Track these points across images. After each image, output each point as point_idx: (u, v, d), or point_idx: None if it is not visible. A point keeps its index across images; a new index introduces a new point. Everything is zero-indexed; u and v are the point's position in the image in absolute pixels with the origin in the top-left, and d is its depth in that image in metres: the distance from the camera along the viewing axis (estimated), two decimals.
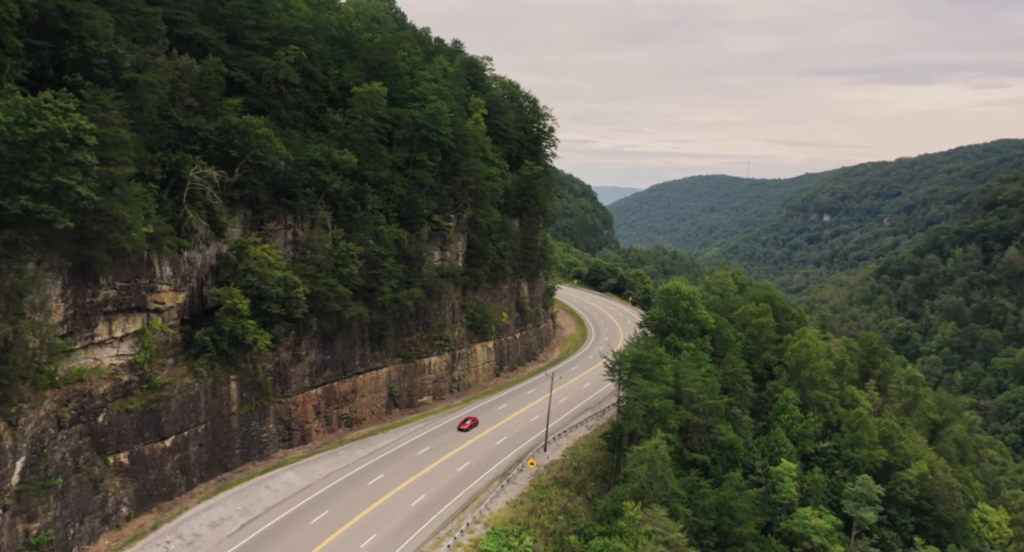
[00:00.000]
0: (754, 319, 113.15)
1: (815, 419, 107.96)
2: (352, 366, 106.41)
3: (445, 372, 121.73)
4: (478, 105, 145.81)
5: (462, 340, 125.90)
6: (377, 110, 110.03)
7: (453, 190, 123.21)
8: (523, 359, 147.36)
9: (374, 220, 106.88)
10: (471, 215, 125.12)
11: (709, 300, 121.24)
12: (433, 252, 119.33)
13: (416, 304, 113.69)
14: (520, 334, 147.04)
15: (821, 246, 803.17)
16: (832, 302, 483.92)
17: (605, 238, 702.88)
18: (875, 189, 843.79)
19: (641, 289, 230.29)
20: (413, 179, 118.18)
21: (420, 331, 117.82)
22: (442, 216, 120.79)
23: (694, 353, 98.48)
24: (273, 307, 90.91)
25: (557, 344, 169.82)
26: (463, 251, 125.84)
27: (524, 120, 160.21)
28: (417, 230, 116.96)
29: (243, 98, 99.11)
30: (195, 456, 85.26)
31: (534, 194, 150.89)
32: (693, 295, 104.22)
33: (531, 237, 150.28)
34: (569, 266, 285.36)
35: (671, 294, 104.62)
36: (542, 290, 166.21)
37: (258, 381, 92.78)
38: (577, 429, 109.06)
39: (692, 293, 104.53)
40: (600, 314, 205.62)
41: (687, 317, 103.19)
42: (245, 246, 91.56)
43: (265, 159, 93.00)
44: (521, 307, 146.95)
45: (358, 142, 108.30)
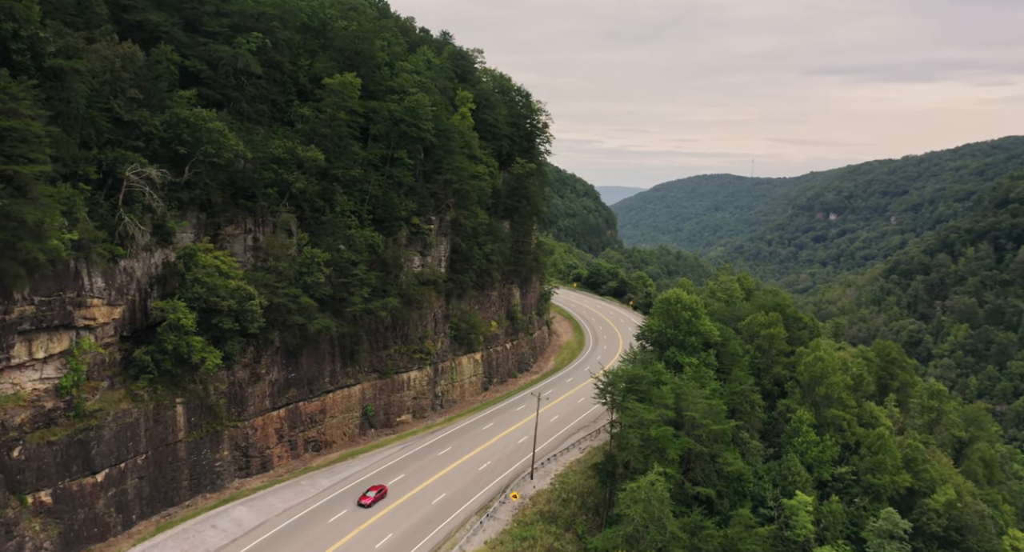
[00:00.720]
0: (763, 330, 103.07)
1: (832, 442, 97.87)
2: (320, 384, 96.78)
3: (426, 388, 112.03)
4: (465, 99, 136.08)
5: (445, 352, 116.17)
6: (348, 102, 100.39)
7: (435, 190, 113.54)
8: (514, 370, 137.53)
9: (344, 223, 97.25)
10: (454, 217, 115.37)
11: (713, 308, 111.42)
12: (412, 257, 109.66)
13: (392, 314, 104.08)
14: (511, 344, 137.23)
15: (827, 245, 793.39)
16: (840, 303, 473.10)
17: (608, 238, 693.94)
18: (881, 187, 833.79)
19: (643, 293, 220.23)
20: (391, 178, 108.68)
21: (398, 344, 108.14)
22: (422, 218, 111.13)
23: (697, 370, 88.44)
24: (225, 321, 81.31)
25: (552, 353, 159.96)
26: (446, 256, 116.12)
27: (516, 115, 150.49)
28: (394, 234, 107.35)
29: (198, 90, 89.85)
30: (134, 491, 75.65)
31: (526, 194, 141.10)
32: (695, 305, 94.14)
33: (523, 240, 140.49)
34: (568, 268, 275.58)
35: (671, 304, 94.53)
36: (536, 296, 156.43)
37: (209, 404, 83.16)
38: (568, 452, 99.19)
39: (694, 303, 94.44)
40: (599, 320, 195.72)
41: (689, 329, 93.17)
42: (194, 253, 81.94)
43: (218, 156, 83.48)
44: (512, 315, 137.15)
45: (327, 138, 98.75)
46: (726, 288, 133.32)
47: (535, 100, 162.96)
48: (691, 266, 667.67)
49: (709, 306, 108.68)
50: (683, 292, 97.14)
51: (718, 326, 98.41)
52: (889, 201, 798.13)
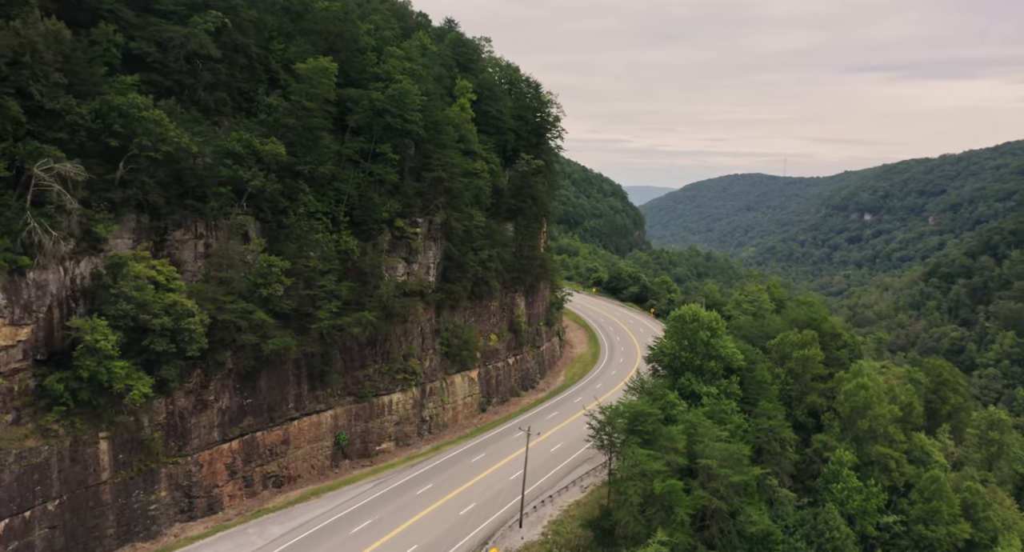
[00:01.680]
0: (796, 352, 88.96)
1: (877, 488, 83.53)
2: (283, 410, 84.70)
3: (411, 412, 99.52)
4: (464, 89, 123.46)
5: (435, 371, 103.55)
6: (319, 89, 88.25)
7: (422, 189, 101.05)
8: (518, 388, 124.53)
9: (311, 226, 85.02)
10: (445, 219, 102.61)
11: (739, 322, 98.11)
12: (395, 265, 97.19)
13: (370, 330, 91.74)
14: (514, 359, 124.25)
15: (862, 246, 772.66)
16: (877, 307, 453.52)
17: (636, 239, 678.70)
18: (918, 187, 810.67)
19: (665, 299, 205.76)
20: (371, 176, 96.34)
21: (378, 363, 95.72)
22: (408, 221, 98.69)
23: (715, 402, 74.61)
24: (158, 343, 69.50)
25: (563, 367, 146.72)
26: (436, 263, 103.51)
27: (523, 108, 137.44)
28: (374, 238, 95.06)
29: (147, 76, 78.46)
30: (44, 542, 64.01)
31: (532, 193, 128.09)
32: (715, 323, 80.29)
33: (529, 243, 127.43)
34: (589, 272, 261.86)
35: (686, 321, 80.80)
36: (545, 304, 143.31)
37: (142, 438, 71.34)
38: (568, 491, 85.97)
39: (713, 320, 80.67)
40: (617, 329, 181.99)
41: (707, 352, 79.45)
42: (124, 263, 70.16)
43: (155, 150, 71.85)
44: (516, 327, 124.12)
45: (292, 129, 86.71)
46: (753, 299, 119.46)
47: (545, 92, 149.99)
48: (721, 268, 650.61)
49: (734, 319, 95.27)
50: (700, 308, 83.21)
51: (743, 346, 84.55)
52: (926, 201, 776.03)
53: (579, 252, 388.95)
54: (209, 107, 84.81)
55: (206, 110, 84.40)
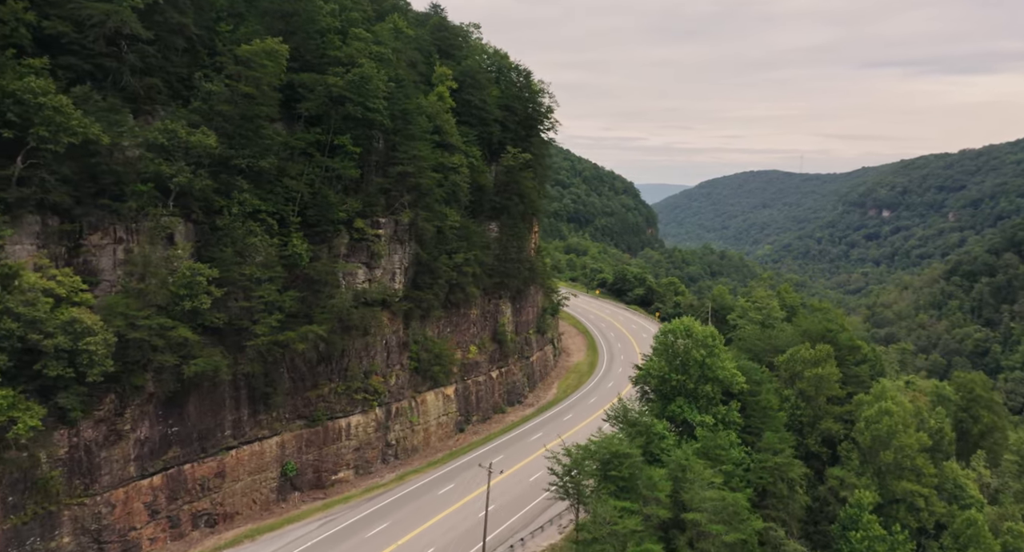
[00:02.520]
0: (808, 371, 77.39)
1: (904, 536, 71.71)
2: (217, 439, 74.26)
3: (374, 436, 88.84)
4: (444, 76, 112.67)
5: (402, 389, 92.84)
6: (260, 73, 77.71)
7: (387, 185, 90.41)
8: (502, 404, 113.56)
9: (246, 228, 74.43)
10: (413, 218, 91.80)
11: (744, 333, 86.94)
12: (354, 271, 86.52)
13: (322, 346, 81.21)
14: (498, 372, 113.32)
15: (880, 243, 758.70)
16: (896, 307, 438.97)
17: (648, 238, 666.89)
18: (937, 182, 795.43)
19: (671, 302, 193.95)
20: (329, 171, 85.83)
21: (334, 381, 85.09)
22: (369, 221, 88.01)
23: (711, 435, 63.10)
24: (52, 367, 59.22)
25: (557, 378, 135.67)
26: (404, 268, 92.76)
27: (511, 98, 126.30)
28: (330, 241, 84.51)
29: (59, 59, 68.25)
30: None
31: (519, 190, 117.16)
32: (711, 340, 68.76)
33: (515, 244, 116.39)
34: (593, 273, 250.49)
35: (676, 336, 69.34)
36: (536, 311, 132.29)
37: (37, 476, 61.08)
38: (544, 532, 74.79)
39: (709, 337, 69.10)
40: (619, 334, 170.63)
41: (702, 374, 68.10)
42: (15, 273, 59.90)
43: (55, 142, 61.64)
44: (500, 337, 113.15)
45: (228, 117, 76.18)
46: (762, 306, 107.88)
47: (537, 80, 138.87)
48: (735, 266, 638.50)
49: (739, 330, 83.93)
50: (694, 322, 71.73)
51: (747, 365, 73.04)
52: (946, 197, 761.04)
53: (588, 251, 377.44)
54: (138, 95, 74.32)
55: (134, 98, 73.92)
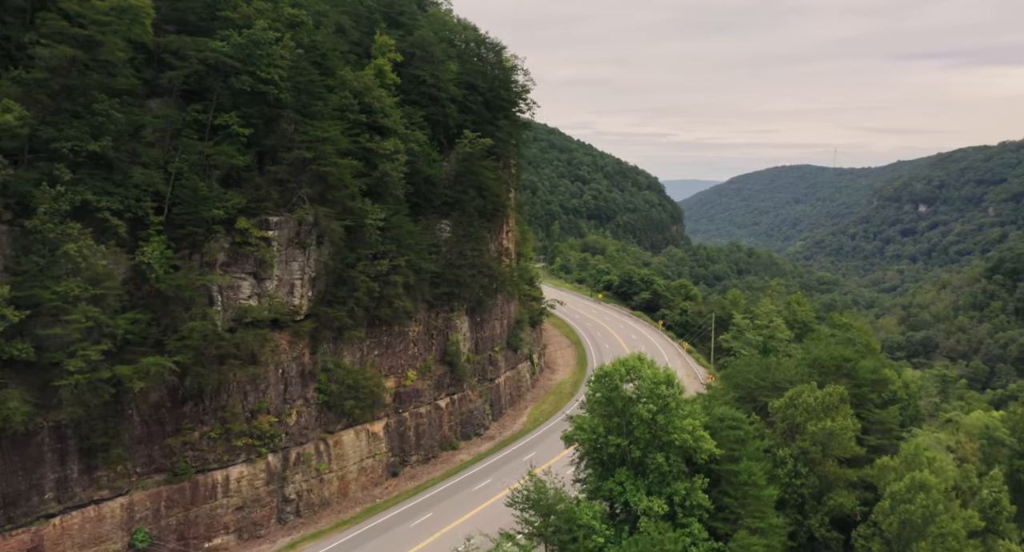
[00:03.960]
0: (813, 423, 56.73)
1: None
2: (33, 503, 56.33)
3: (264, 490, 70.47)
4: (385, 47, 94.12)
5: (306, 429, 74.37)
6: (91, 31, 59.77)
7: (282, 175, 72.06)
8: (454, 438, 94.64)
9: (62, 231, 56.37)
10: (315, 216, 73.19)
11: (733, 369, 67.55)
12: (236, 284, 68.21)
13: (188, 381, 63.20)
14: (449, 400, 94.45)
15: (917, 239, 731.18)
16: (934, 308, 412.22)
17: (673, 235, 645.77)
18: (976, 176, 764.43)
19: (677, 308, 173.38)
20: (205, 157, 67.81)
21: (207, 423, 66.87)
22: (257, 220, 69.70)
23: (658, 532, 43.59)
24: None
25: (533, 400, 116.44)
26: (307, 278, 74.21)
27: (474, 74, 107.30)
28: (201, 247, 66.35)
29: None
30: None
31: (477, 181, 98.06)
32: (666, 389, 48.22)
33: (472, 247, 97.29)
34: (600, 274, 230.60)
35: (617, 383, 49.13)
36: (507, 324, 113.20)
37: None
38: None
39: (663, 384, 48.56)
40: (615, 346, 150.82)
41: (654, 436, 48.04)
42: None
43: None
44: (450, 359, 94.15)
45: (43, 85, 58.43)
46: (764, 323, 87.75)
47: (510, 55, 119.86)
48: (764, 264, 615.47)
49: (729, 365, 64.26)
50: (644, 363, 51.49)
51: (726, 416, 52.97)
52: (985, 190, 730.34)
53: (606, 249, 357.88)
54: None
55: None
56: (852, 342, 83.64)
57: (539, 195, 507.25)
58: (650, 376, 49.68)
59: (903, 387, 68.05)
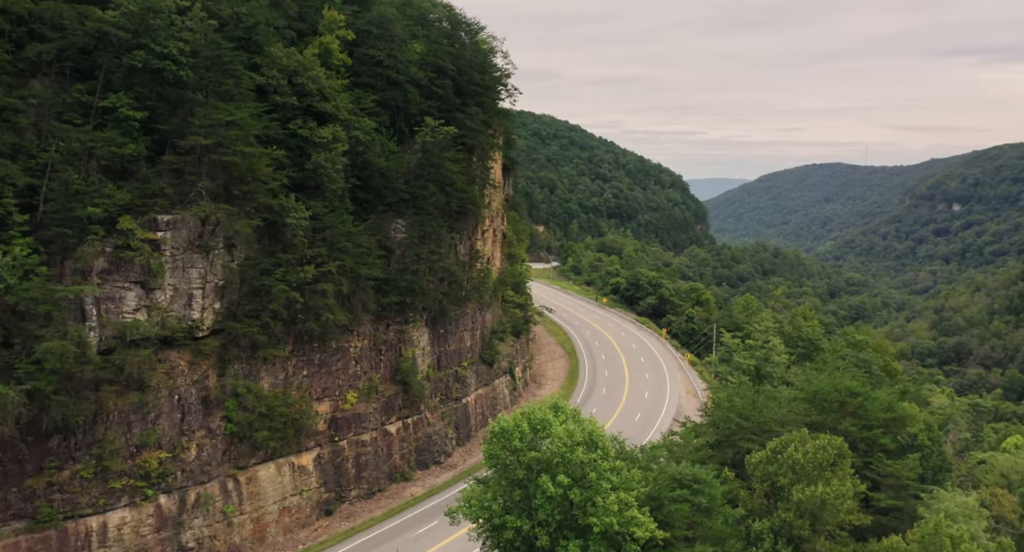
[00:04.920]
0: (800, 490, 43.46)
1: None
2: None
3: (155, 537, 59.39)
4: (334, 22, 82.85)
5: (209, 465, 63.24)
6: None
7: (179, 165, 61.04)
8: (407, 468, 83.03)
9: None
10: (214, 215, 61.94)
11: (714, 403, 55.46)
12: (119, 295, 57.29)
13: (53, 412, 52.40)
14: (401, 425, 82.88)
15: (950, 239, 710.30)
16: (967, 311, 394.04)
17: (697, 234, 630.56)
18: (1013, 173, 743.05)
19: (683, 315, 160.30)
20: (85, 145, 57.10)
21: (79, 461, 55.98)
22: (145, 220, 58.70)
23: None
24: None
25: None
26: (212, 287, 63.09)
27: (443, 56, 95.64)
28: (70, 253, 55.52)
29: None
30: None
31: (438, 176, 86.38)
32: (582, 454, 34.88)
33: (431, 249, 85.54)
34: (607, 276, 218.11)
35: (518, 436, 36.32)
36: (481, 335, 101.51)
37: None
38: None
39: (580, 445, 35.54)
40: (612, 357, 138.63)
41: (568, 516, 35.18)
42: None
43: None
44: (403, 377, 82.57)
45: None
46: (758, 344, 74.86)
47: (487, 36, 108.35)
48: (790, 264, 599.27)
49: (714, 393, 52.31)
50: (559, 415, 39.03)
51: (686, 474, 40.49)
52: (1022, 189, 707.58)
53: (623, 249, 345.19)
54: None
55: None
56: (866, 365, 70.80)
57: (557, 193, 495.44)
58: (563, 435, 37.51)
59: (925, 430, 55.18)
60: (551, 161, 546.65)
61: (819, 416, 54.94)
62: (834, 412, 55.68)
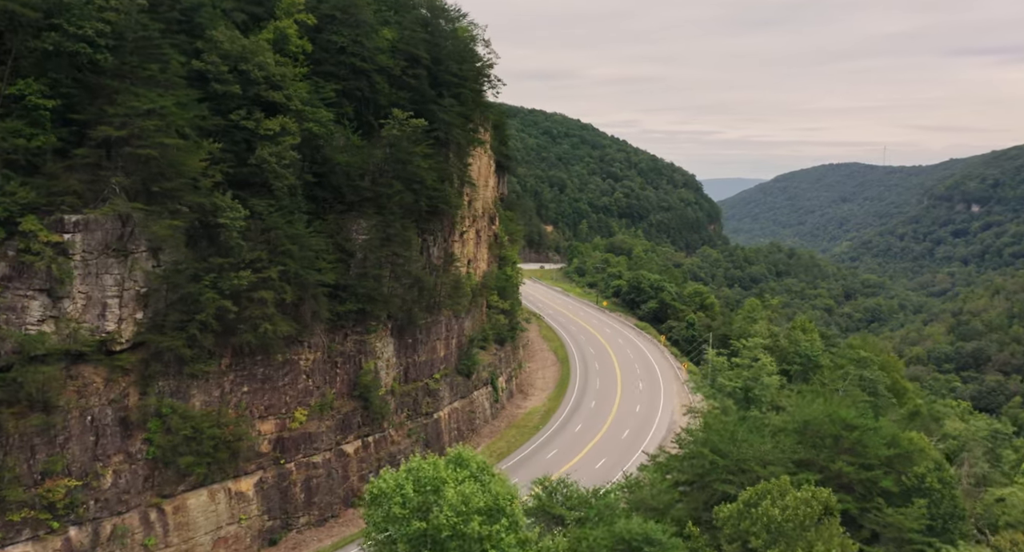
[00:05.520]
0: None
1: None
2: None
3: None
4: (293, 7, 76.16)
5: (129, 493, 56.65)
6: None
7: (93, 158, 54.48)
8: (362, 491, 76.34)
9: None
10: (127, 215, 55.27)
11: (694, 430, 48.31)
12: (21, 305, 50.80)
13: None
14: (360, 444, 76.04)
15: (969, 241, 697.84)
16: (986, 316, 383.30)
17: (710, 234, 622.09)
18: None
19: (685, 321, 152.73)
20: None
21: None
22: (51, 220, 52.19)
23: None
24: None
25: (489, 436, 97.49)
26: (131, 295, 56.45)
27: (417, 43, 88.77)
28: None
29: None
30: None
31: (405, 173, 79.48)
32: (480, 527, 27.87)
33: (394, 253, 78.58)
34: (609, 278, 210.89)
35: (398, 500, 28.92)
36: (458, 344, 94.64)
37: None
38: None
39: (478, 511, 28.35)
40: (606, 364, 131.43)
41: None
42: None
43: None
44: (364, 391, 75.77)
45: None
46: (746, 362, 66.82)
47: (466, 23, 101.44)
48: (805, 265, 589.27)
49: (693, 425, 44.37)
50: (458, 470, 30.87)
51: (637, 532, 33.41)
52: None
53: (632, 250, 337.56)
54: None
55: None
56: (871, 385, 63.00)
57: (567, 192, 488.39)
58: (456, 501, 30.30)
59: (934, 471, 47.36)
60: (561, 160, 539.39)
61: (809, 452, 47.55)
62: (827, 448, 48.17)
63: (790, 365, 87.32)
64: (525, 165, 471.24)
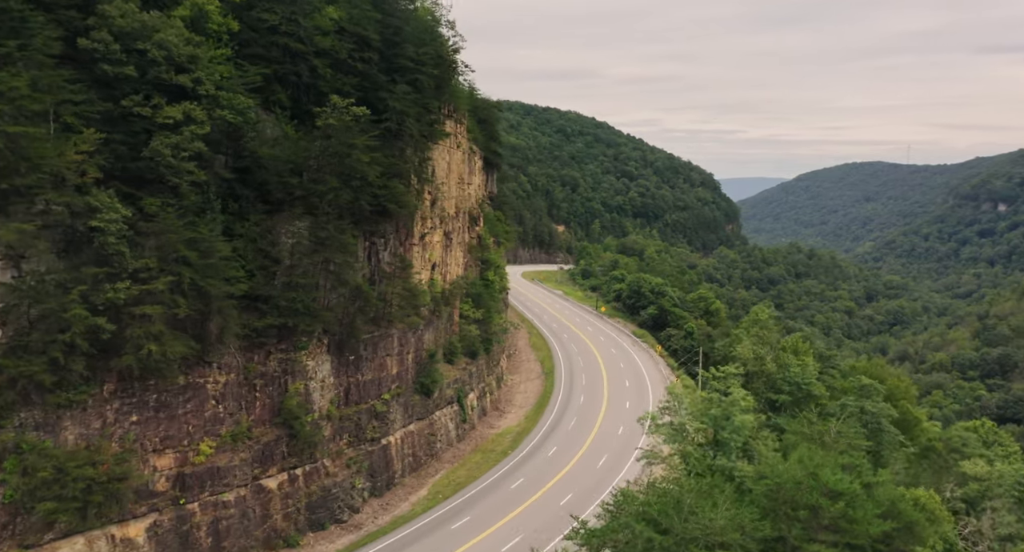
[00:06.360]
0: None
1: None
2: None
3: None
4: None
5: None
6: None
7: None
8: (292, 532, 66.83)
9: None
10: None
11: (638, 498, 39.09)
12: None
13: None
14: (286, 478, 66.73)
15: (996, 241, 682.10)
16: (1013, 320, 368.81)
17: (728, 234, 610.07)
18: None
19: (684, 330, 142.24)
20: None
21: None
22: None
23: None
24: None
25: (450, 462, 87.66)
26: None
27: (366, 23, 79.43)
28: None
29: None
30: None
31: (341, 167, 70.05)
32: None
33: (328, 259, 69.11)
34: (611, 281, 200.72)
35: None
36: (417, 359, 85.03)
37: None
38: None
39: None
40: (594, 377, 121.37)
41: None
42: None
43: None
44: (289, 418, 66.51)
45: None
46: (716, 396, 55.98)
47: (430, 3, 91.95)
48: (825, 267, 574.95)
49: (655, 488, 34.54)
50: None
51: None
52: None
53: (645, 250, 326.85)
54: None
55: None
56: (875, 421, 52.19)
57: (580, 191, 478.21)
58: None
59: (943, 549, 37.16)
60: (574, 158, 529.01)
61: (779, 527, 37.41)
62: (802, 522, 37.84)
63: (777, 395, 76.47)
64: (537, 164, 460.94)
